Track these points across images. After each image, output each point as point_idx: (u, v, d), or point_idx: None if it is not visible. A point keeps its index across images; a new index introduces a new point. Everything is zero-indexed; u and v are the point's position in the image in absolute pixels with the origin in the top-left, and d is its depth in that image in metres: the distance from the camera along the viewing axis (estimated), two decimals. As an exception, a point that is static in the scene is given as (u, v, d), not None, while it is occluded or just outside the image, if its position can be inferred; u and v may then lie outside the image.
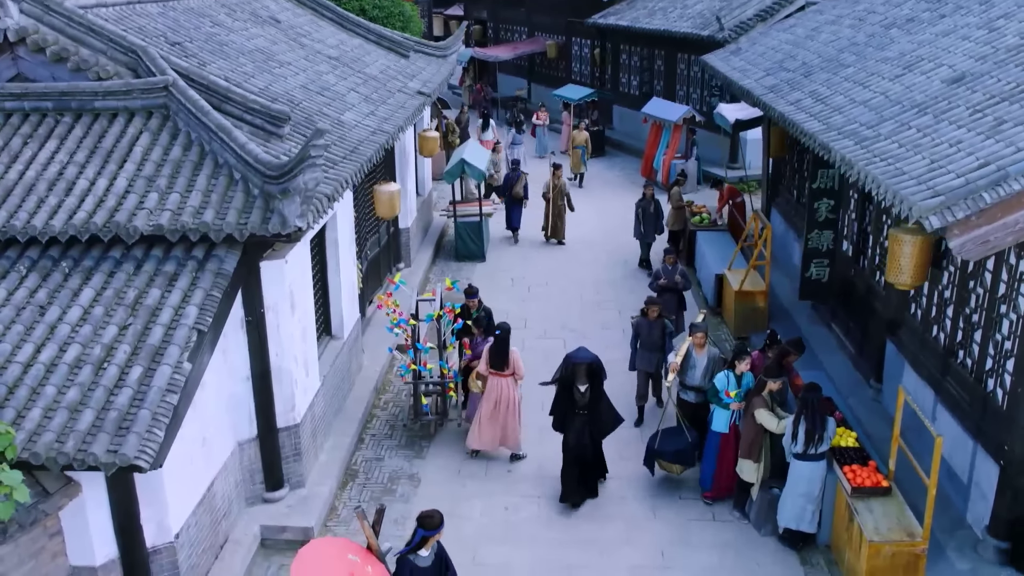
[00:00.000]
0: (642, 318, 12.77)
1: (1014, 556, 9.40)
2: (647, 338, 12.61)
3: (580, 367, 10.68)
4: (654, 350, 12.61)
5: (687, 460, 11.04)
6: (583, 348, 11.10)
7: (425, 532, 7.72)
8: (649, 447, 11.14)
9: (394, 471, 11.87)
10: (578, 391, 10.73)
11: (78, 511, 8.02)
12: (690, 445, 11.00)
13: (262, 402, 10.23)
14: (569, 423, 10.84)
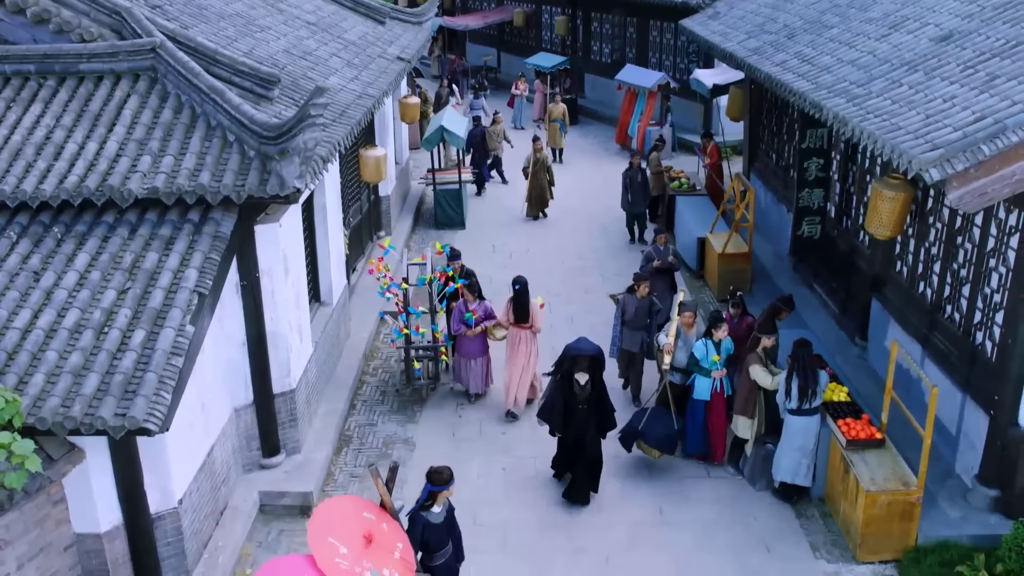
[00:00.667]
0: (629, 295, 12.23)
1: (1003, 503, 9.65)
2: (634, 317, 12.12)
3: (581, 359, 10.01)
4: (639, 329, 12.15)
5: (668, 447, 10.71)
6: (584, 338, 10.44)
7: (433, 487, 7.74)
8: (631, 425, 10.70)
9: (388, 436, 11.87)
10: (578, 384, 10.04)
11: (82, 478, 7.93)
12: (675, 432, 10.69)
13: (258, 368, 10.15)
14: (569, 420, 10.17)
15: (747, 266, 15.60)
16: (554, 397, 10.27)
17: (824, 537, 9.86)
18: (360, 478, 10.98)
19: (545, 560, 9.53)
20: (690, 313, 11.08)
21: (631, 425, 10.70)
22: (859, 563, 9.42)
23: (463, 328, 12.05)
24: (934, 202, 11.01)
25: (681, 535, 9.87)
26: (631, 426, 10.69)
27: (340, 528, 6.78)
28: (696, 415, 10.92)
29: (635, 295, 12.11)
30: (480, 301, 12.15)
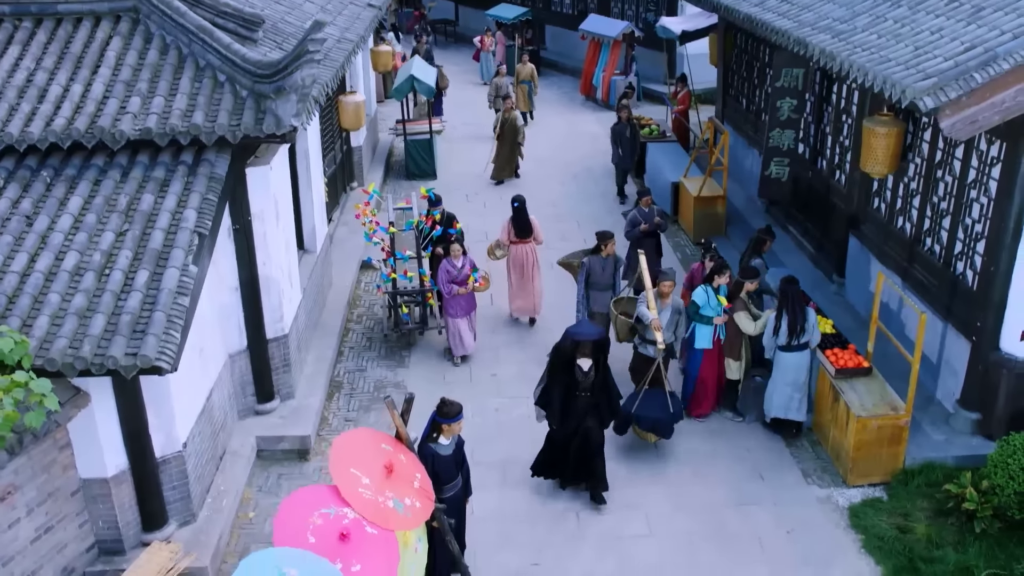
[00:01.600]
0: (594, 256, 11.65)
1: (984, 425, 10.01)
2: (600, 277, 11.65)
3: (584, 343, 9.08)
4: (607, 289, 11.74)
5: (664, 431, 10.03)
6: (585, 321, 9.93)
7: (438, 419, 7.80)
8: (625, 409, 9.93)
9: (379, 380, 11.90)
10: (580, 370, 9.12)
11: (87, 422, 7.85)
12: (671, 416, 9.98)
13: (251, 312, 10.09)
14: (568, 409, 9.24)
15: (722, 209, 15.80)
16: (552, 385, 9.25)
17: (814, 464, 10.14)
18: (354, 422, 11.02)
19: (545, 494, 9.67)
20: (670, 283, 10.51)
21: (624, 409, 9.92)
22: (849, 487, 9.72)
23: (453, 288, 11.72)
24: (914, 138, 11.23)
25: (677, 467, 10.09)
26: (624, 410, 9.92)
27: (361, 459, 6.82)
28: (693, 366, 10.78)
29: (600, 255, 11.60)
30: (464, 256, 11.93)
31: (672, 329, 10.60)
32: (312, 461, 10.28)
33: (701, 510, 9.41)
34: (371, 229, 12.09)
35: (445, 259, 11.90)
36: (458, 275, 11.74)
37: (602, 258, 11.58)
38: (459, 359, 12.24)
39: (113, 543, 8.35)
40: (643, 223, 13.12)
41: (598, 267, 11.60)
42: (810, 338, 10.16)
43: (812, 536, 9.05)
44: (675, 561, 8.77)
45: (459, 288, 11.73)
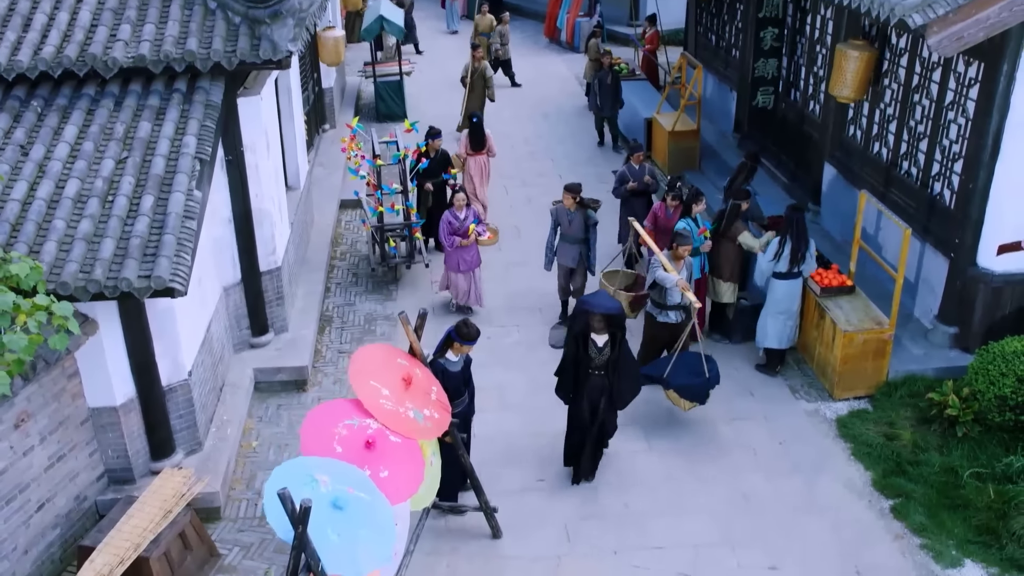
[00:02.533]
0: (561, 206, 11.20)
1: (961, 339, 10.41)
2: (567, 229, 11.16)
3: (596, 317, 8.32)
4: (576, 243, 11.19)
5: (700, 397, 9.44)
6: (601, 293, 8.96)
7: (456, 338, 7.94)
8: (657, 375, 9.44)
9: (369, 314, 11.98)
10: (594, 346, 8.40)
11: (95, 351, 7.85)
12: (707, 380, 9.38)
13: (245, 245, 10.08)
14: (581, 387, 8.60)
15: (696, 143, 15.99)
16: (567, 358, 8.65)
17: (801, 381, 10.48)
18: (347, 353, 11.11)
19: (543, 415, 9.88)
20: (687, 246, 9.84)
21: (655, 369, 9.50)
22: (836, 400, 10.08)
23: (455, 240, 11.32)
24: (890, 64, 11.47)
25: (671, 387, 10.36)
26: (655, 369, 9.49)
27: (379, 372, 6.95)
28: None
29: (564, 205, 11.17)
30: (468, 208, 11.50)
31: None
32: (310, 392, 10.38)
33: (696, 425, 9.70)
34: (356, 164, 12.07)
35: (447, 210, 11.50)
36: (460, 227, 11.36)
37: (568, 210, 11.06)
38: (453, 305, 11.94)
39: (123, 472, 8.40)
40: (631, 180, 12.54)
41: (564, 218, 11.12)
42: (806, 266, 10.25)
43: (803, 446, 9.41)
44: (674, 472, 9.07)
45: (461, 239, 11.33)
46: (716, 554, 8.09)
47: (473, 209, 11.59)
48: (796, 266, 10.13)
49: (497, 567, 8.00)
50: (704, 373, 9.37)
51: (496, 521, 8.25)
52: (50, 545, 7.82)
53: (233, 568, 8.03)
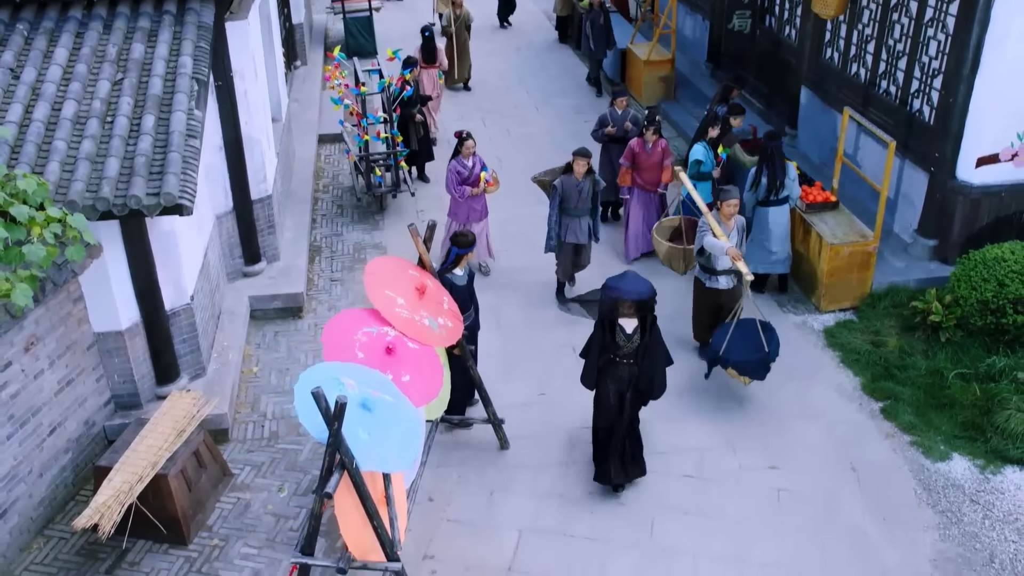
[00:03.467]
0: (567, 177, 10.05)
1: (940, 251, 10.75)
2: (576, 202, 10.07)
3: (624, 303, 7.44)
4: (583, 215, 10.19)
5: (760, 373, 8.74)
6: (632, 274, 7.68)
7: (459, 250, 8.05)
8: (713, 350, 8.80)
9: (357, 243, 12.02)
10: (622, 333, 7.53)
11: (99, 275, 7.82)
12: (766, 355, 8.69)
13: (236, 172, 10.04)
14: (607, 376, 7.71)
15: (671, 72, 16.09)
16: (593, 342, 7.81)
17: (788, 296, 10.74)
18: (339, 281, 11.17)
19: (539, 333, 10.06)
20: (735, 201, 8.94)
21: (712, 349, 8.83)
22: (822, 312, 10.37)
23: (466, 190, 10.72)
24: (868, -18, 11.62)
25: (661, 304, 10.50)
26: (711, 350, 8.86)
27: (394, 282, 7.04)
28: None
29: (571, 175, 10.02)
30: (475, 156, 10.88)
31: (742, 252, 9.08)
32: (306, 318, 10.44)
33: (687, 340, 9.92)
34: (340, 92, 12.00)
35: (454, 159, 10.79)
36: (469, 176, 10.74)
37: (576, 180, 10.01)
38: (478, 268, 11.13)
39: (129, 397, 8.42)
40: (610, 125, 11.88)
41: (572, 191, 10.03)
42: (790, 193, 10.32)
43: (793, 356, 9.67)
44: (674, 384, 9.20)
45: (472, 189, 10.75)
46: (718, 456, 8.37)
47: (480, 157, 10.96)
48: (775, 193, 10.19)
49: (508, 476, 8.20)
50: (763, 346, 8.70)
51: (504, 432, 8.43)
52: (63, 469, 7.86)
53: (246, 486, 8.14)
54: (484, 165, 10.93)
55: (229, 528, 7.71)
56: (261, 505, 7.93)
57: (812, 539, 7.48)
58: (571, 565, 7.24)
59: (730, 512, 7.75)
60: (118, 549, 7.44)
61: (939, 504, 7.88)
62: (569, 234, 10.23)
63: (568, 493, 7.87)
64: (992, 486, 8.04)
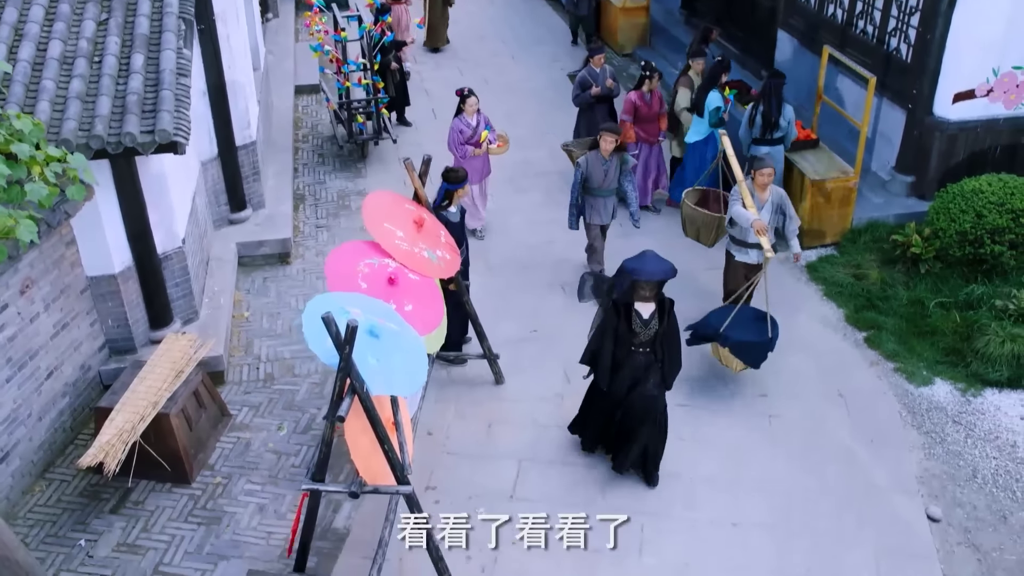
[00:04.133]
0: (593, 154, 9.30)
1: (917, 187, 10.97)
2: (600, 182, 9.33)
3: (644, 285, 6.80)
4: (608, 196, 9.49)
5: (755, 360, 8.22)
6: (651, 253, 7.07)
7: (449, 186, 8.11)
8: (710, 325, 8.28)
9: (340, 190, 12.01)
10: (639, 319, 6.94)
11: (92, 218, 7.76)
12: (767, 341, 8.18)
13: (220, 118, 9.98)
14: (620, 369, 7.12)
15: (646, 19, 16.12)
16: (602, 335, 7.13)
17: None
18: (325, 227, 11.19)
19: (530, 273, 10.18)
20: (769, 170, 8.42)
21: (709, 323, 8.26)
22: (805, 247, 10.53)
23: (468, 149, 10.35)
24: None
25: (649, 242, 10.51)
26: (709, 324, 8.25)
27: (392, 216, 7.08)
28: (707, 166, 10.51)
29: (598, 152, 9.24)
30: (479, 113, 10.42)
31: (773, 225, 8.63)
32: (293, 264, 10.46)
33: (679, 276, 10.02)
34: (320, 39, 11.91)
35: (457, 117, 10.38)
36: (473, 135, 10.35)
37: (603, 158, 9.25)
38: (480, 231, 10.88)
39: (124, 341, 8.42)
40: (594, 85, 11.36)
41: (598, 169, 9.27)
42: (785, 134, 10.37)
43: (778, 289, 9.70)
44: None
45: (474, 149, 10.36)
46: (710, 387, 8.55)
47: (484, 115, 10.52)
48: (770, 132, 10.29)
49: (505, 409, 8.34)
50: (767, 332, 8.19)
51: (499, 367, 8.55)
52: (61, 413, 7.86)
53: (245, 426, 8.21)
54: (488, 123, 10.54)
55: (231, 466, 7.78)
56: (261, 443, 8.01)
57: (803, 461, 7.71)
58: (572, 491, 7.41)
59: (723, 437, 7.95)
60: (121, 489, 7.49)
61: (923, 426, 8.14)
62: (593, 215, 9.58)
63: (565, 423, 8.01)
64: (973, 407, 8.30)
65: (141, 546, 7.04)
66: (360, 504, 7.36)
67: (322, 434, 5.97)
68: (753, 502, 7.35)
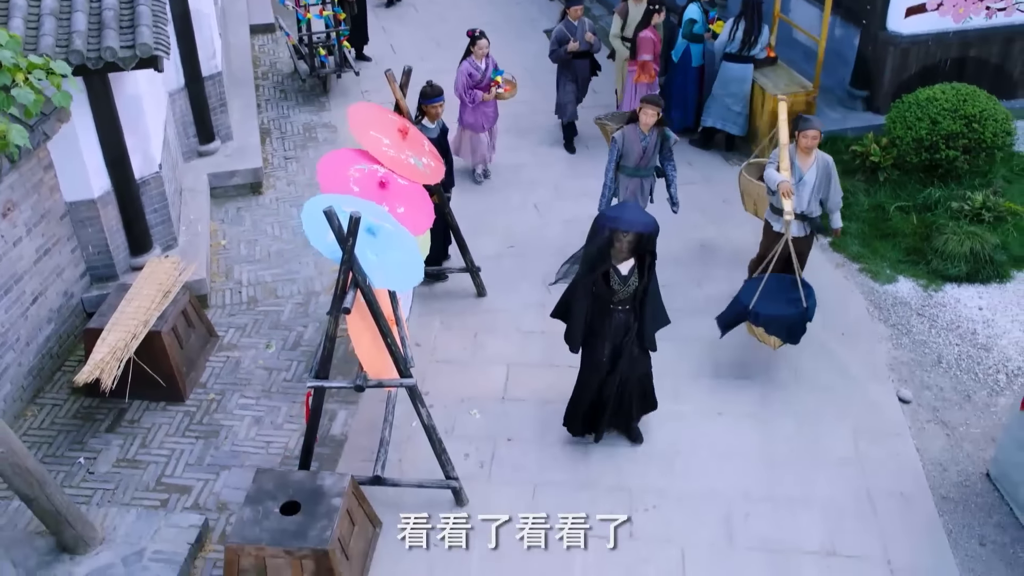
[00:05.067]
0: (630, 127, 8.22)
1: (872, 101, 11.33)
2: (637, 159, 8.27)
3: (623, 236, 6.28)
4: (647, 176, 8.45)
5: (792, 334, 7.49)
6: (633, 204, 7.04)
7: (422, 101, 8.19)
8: (740, 303, 7.55)
9: (306, 123, 12.01)
10: (617, 275, 6.44)
11: (69, 142, 7.70)
12: (803, 311, 7.44)
13: (186, 47, 9.90)
14: (599, 329, 6.67)
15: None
16: (576, 292, 6.61)
17: (734, 152, 11.21)
18: (294, 159, 11.20)
19: (503, 188, 10.33)
20: (815, 131, 7.61)
21: (740, 302, 7.56)
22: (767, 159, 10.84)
23: (477, 94, 9.96)
24: None
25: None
26: (740, 303, 7.55)
27: (377, 124, 7.17)
28: (689, 84, 10.96)
29: (635, 125, 8.19)
30: (488, 57, 10.01)
31: (817, 195, 7.78)
32: (266, 194, 10.47)
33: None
34: (279, -30, 11.82)
35: (466, 59, 9.94)
36: (482, 79, 9.94)
37: (642, 133, 8.25)
38: (480, 175, 10.67)
39: (105, 268, 8.41)
40: (571, 40, 10.64)
41: (635, 144, 8.23)
42: (757, 55, 10.55)
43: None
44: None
45: (483, 94, 9.99)
46: (685, 289, 8.81)
47: (493, 59, 10.06)
48: (747, 49, 10.49)
49: (489, 319, 8.54)
50: (800, 300, 7.44)
51: (480, 280, 8.73)
52: (48, 339, 7.86)
53: (233, 346, 8.29)
54: (497, 67, 10.13)
55: (223, 383, 7.87)
56: (251, 361, 8.10)
57: (780, 354, 8.02)
58: (560, 389, 7.57)
59: (702, 333, 8.22)
60: (115, 410, 7.55)
61: (890, 319, 8.53)
62: (624, 190, 8.52)
63: (550, 330, 8.12)
64: (935, 301, 8.72)
65: (141, 461, 7.12)
66: (355, 413, 7.52)
67: (325, 330, 6.10)
68: (736, 394, 7.67)
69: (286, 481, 6.12)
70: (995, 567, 6.22)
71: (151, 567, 6.12)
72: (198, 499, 6.80)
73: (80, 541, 6.18)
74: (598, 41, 10.93)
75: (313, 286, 8.97)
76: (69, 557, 6.17)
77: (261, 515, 5.86)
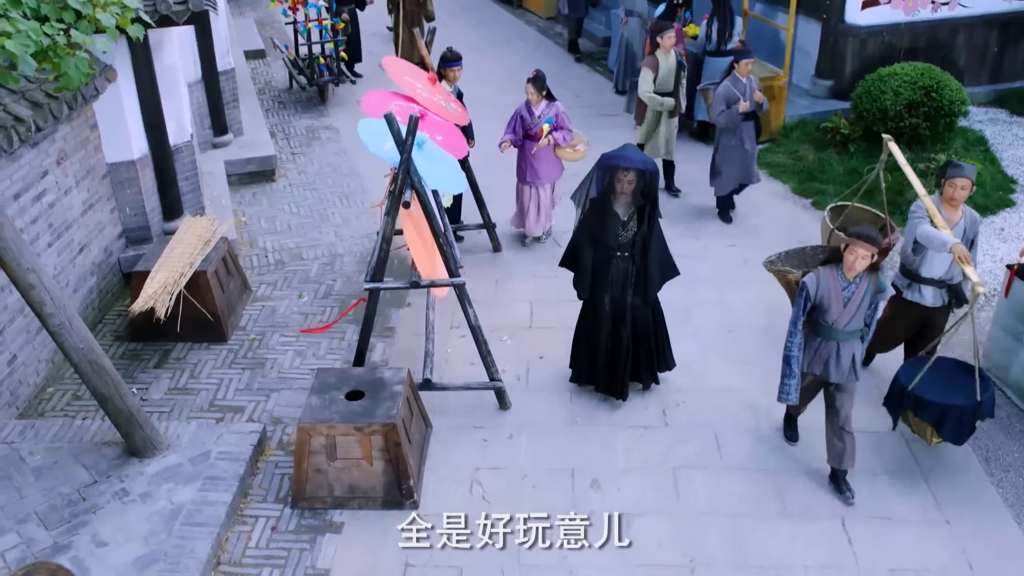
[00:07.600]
0: (827, 269, 5.96)
1: (835, 89, 12.32)
2: (840, 314, 5.95)
3: (623, 174, 6.38)
4: (851, 338, 6.02)
5: (961, 432, 6.06)
6: (631, 145, 6.75)
7: (443, 65, 8.88)
8: (900, 384, 6.26)
9: (310, 127, 12.62)
10: (616, 221, 6.56)
11: (114, 103, 8.22)
12: (976, 406, 5.99)
13: (203, 44, 10.50)
14: (601, 274, 6.77)
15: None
16: (581, 234, 6.78)
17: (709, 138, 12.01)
18: (302, 154, 11.77)
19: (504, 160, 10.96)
20: (965, 182, 6.32)
21: (899, 384, 6.28)
22: (745, 143, 11.70)
23: (525, 141, 8.93)
24: None
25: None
26: (899, 384, 6.28)
27: (410, 73, 7.83)
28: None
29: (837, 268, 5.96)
30: (549, 102, 8.82)
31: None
32: (279, 181, 11.00)
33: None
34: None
35: (522, 104, 8.92)
36: (534, 127, 8.85)
37: (846, 278, 5.89)
38: (530, 239, 9.52)
39: (140, 230, 8.84)
40: (741, 100, 9.31)
41: (836, 296, 5.93)
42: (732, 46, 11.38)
43: (729, 173, 10.94)
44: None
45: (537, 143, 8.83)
46: (684, 242, 9.42)
47: (556, 105, 8.85)
48: (724, 44, 11.42)
49: (506, 268, 9.11)
50: (974, 393, 6.00)
51: (496, 235, 9.32)
52: (90, 291, 8.24)
53: (267, 297, 8.72)
54: (558, 117, 8.82)
55: (262, 327, 8.29)
56: (287, 308, 8.55)
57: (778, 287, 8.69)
58: (582, 318, 8.20)
59: (705, 272, 8.89)
60: (160, 350, 7.91)
61: (873, 258, 9.27)
62: (816, 364, 6.21)
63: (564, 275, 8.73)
64: (912, 243, 9.50)
65: (192, 388, 7.48)
66: (392, 344, 7.98)
67: (381, 230, 6.62)
68: (742, 314, 8.31)
69: (347, 375, 6.57)
70: (995, 436, 6.85)
71: (218, 464, 6.47)
72: (252, 415, 7.16)
73: (148, 444, 6.52)
74: (765, 101, 9.65)
75: (336, 249, 9.48)
76: (138, 460, 6.49)
77: (328, 401, 6.28)
